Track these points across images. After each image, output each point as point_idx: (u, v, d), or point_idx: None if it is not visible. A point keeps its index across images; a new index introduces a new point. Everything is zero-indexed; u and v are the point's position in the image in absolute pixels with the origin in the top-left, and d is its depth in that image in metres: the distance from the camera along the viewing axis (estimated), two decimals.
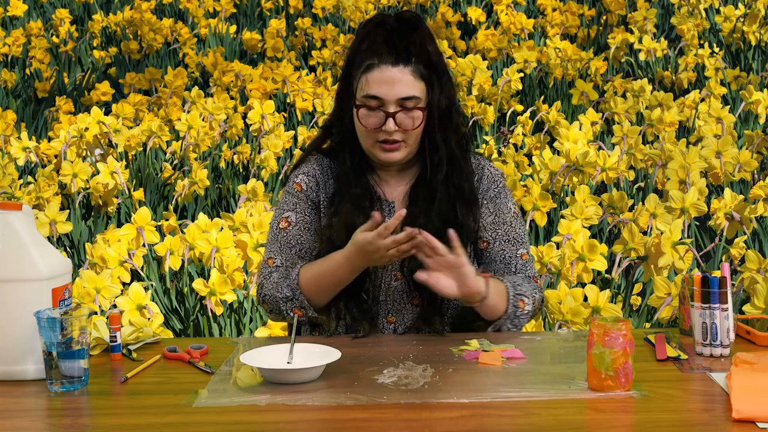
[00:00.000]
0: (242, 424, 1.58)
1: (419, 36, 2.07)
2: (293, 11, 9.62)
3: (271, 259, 2.15)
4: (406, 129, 2.06)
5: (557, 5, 9.14)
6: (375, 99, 2.06)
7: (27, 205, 1.98)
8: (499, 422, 1.57)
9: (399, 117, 2.05)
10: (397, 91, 2.04)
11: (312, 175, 2.18)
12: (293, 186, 2.18)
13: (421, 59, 2.06)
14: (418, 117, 2.06)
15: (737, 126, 6.36)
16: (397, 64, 2.05)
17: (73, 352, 1.78)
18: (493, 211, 2.18)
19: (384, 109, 2.05)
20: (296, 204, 2.16)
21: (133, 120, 6.74)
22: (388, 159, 2.10)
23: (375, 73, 2.06)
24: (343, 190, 2.13)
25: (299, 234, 2.15)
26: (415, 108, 2.06)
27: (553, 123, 5.98)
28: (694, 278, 1.87)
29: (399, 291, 2.13)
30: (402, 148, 2.09)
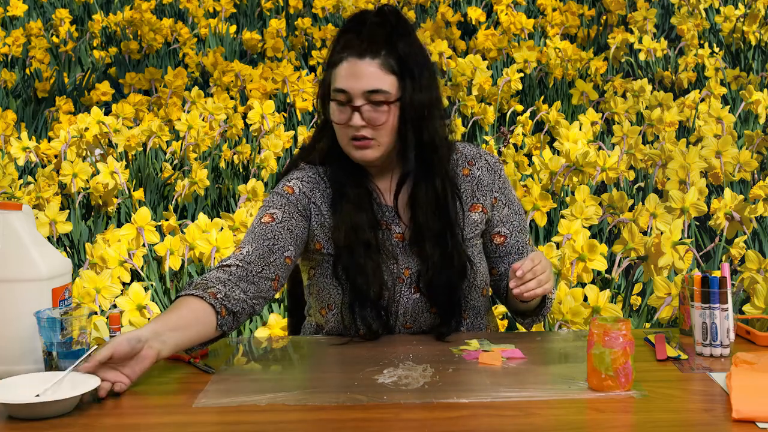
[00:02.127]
0: (242, 424, 1.58)
1: (391, 29, 1.99)
2: (293, 11, 9.62)
3: (241, 247, 2.01)
4: (374, 125, 1.98)
5: (557, 5, 9.14)
6: (342, 93, 1.98)
7: (27, 205, 1.98)
8: (499, 422, 1.56)
9: (365, 111, 1.97)
10: (363, 84, 1.96)
11: (306, 181, 2.09)
12: (283, 188, 2.08)
13: (392, 52, 1.98)
14: (385, 111, 1.98)
15: (737, 126, 6.36)
16: (364, 56, 1.97)
17: (73, 352, 1.78)
18: (506, 203, 2.15)
19: (351, 104, 1.98)
20: (284, 205, 2.06)
21: (133, 120, 6.74)
22: (361, 157, 2.02)
23: (343, 66, 1.98)
24: (342, 193, 2.05)
25: (279, 231, 2.02)
26: (383, 102, 1.97)
27: (553, 123, 5.99)
28: (694, 278, 1.87)
29: (417, 302, 2.08)
30: (374, 146, 2.00)
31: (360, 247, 2.02)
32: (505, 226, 2.15)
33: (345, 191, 2.05)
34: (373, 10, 2.05)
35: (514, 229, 2.16)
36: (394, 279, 2.06)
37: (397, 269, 2.06)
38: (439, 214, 2.05)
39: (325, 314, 2.10)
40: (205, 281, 1.92)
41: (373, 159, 2.03)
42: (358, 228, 2.02)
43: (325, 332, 2.12)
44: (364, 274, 2.02)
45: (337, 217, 2.05)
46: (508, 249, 2.16)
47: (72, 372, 1.71)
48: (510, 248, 2.16)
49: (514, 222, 2.16)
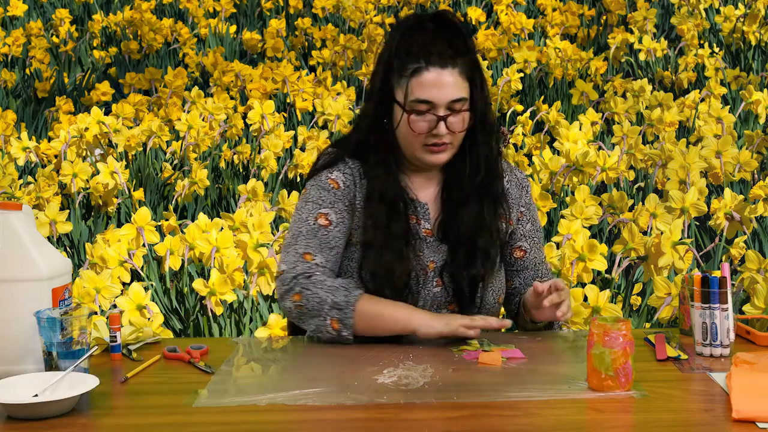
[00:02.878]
0: (242, 424, 1.58)
1: (461, 36, 2.04)
2: (293, 11, 9.62)
3: (310, 254, 2.05)
4: (455, 131, 2.04)
5: (557, 5, 9.14)
6: (425, 103, 2.02)
7: (27, 205, 1.98)
8: (499, 422, 1.56)
9: (449, 120, 2.02)
10: (448, 94, 2.01)
11: (349, 174, 2.11)
12: (328, 182, 2.10)
13: (465, 59, 2.03)
14: (466, 118, 2.04)
15: (737, 126, 6.36)
16: (446, 66, 2.01)
17: (73, 352, 1.78)
18: (530, 219, 2.21)
19: (434, 113, 2.02)
20: (334, 203, 2.08)
21: (133, 120, 6.74)
22: (435, 161, 2.07)
23: (424, 77, 2.01)
24: (378, 193, 2.08)
25: (339, 237, 2.07)
26: (462, 110, 2.03)
27: (553, 123, 5.99)
28: (694, 278, 1.87)
29: (438, 296, 2.11)
30: (448, 149, 2.06)
31: (388, 242, 2.06)
32: (526, 242, 2.20)
33: (380, 186, 2.08)
34: (430, 15, 2.07)
35: (534, 245, 2.21)
36: (418, 271, 2.09)
37: (422, 262, 2.09)
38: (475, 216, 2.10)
39: None
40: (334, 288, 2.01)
41: (444, 162, 2.09)
42: (389, 223, 2.05)
43: None
44: (390, 268, 2.05)
45: (369, 211, 2.08)
46: (525, 264, 2.21)
47: (71, 372, 1.72)
48: (528, 263, 2.21)
49: (534, 238, 2.22)
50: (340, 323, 1.98)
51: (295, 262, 2.05)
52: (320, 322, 1.99)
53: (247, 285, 3.62)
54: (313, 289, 2.00)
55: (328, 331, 1.99)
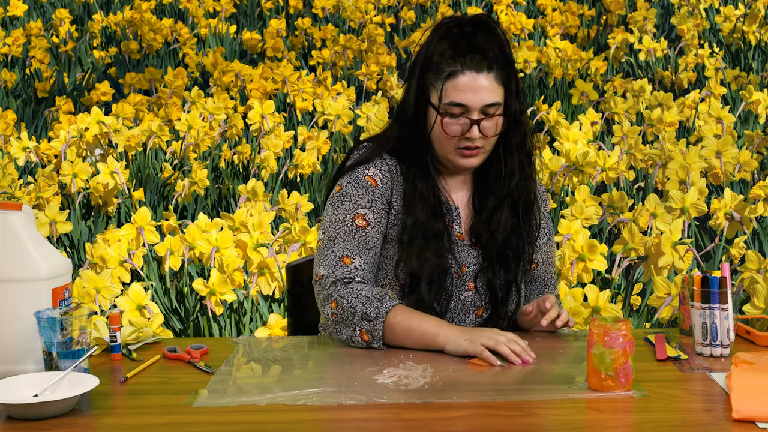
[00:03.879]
0: (242, 424, 1.58)
1: (498, 40, 2.04)
2: (293, 11, 9.62)
3: (348, 258, 2.03)
4: (487, 135, 2.04)
5: (557, 5, 9.14)
6: (459, 106, 2.02)
7: (27, 205, 1.98)
8: (499, 422, 1.56)
9: (482, 124, 2.02)
10: (483, 98, 2.01)
11: (386, 171, 2.09)
12: (366, 180, 2.07)
13: (501, 64, 2.03)
14: (500, 123, 2.04)
15: (737, 126, 6.36)
16: (482, 70, 2.01)
17: (73, 352, 1.78)
18: (546, 233, 2.21)
19: (468, 116, 2.02)
20: (372, 201, 2.06)
21: (133, 120, 6.74)
22: (467, 165, 2.07)
23: (460, 81, 2.01)
24: (417, 194, 2.08)
25: (377, 237, 2.06)
26: (496, 114, 2.03)
27: (553, 123, 5.99)
28: (694, 278, 1.87)
29: (468, 301, 2.11)
30: (481, 153, 2.06)
31: (428, 241, 2.06)
32: (540, 255, 2.20)
33: (420, 186, 2.08)
34: (469, 19, 2.06)
35: (546, 259, 2.22)
36: (452, 274, 2.09)
37: (455, 265, 2.09)
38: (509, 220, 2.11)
39: None
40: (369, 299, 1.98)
41: (476, 165, 2.09)
42: (428, 227, 2.06)
43: None
44: (429, 268, 2.05)
45: (409, 210, 2.08)
46: (535, 276, 2.22)
47: (71, 372, 1.72)
48: (538, 276, 2.22)
49: (548, 252, 2.22)
50: (370, 335, 1.96)
51: (334, 266, 2.02)
52: (351, 332, 1.97)
53: (247, 285, 3.62)
54: (348, 298, 1.98)
55: (358, 341, 1.97)
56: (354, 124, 6.56)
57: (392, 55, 8.08)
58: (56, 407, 1.62)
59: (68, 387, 1.68)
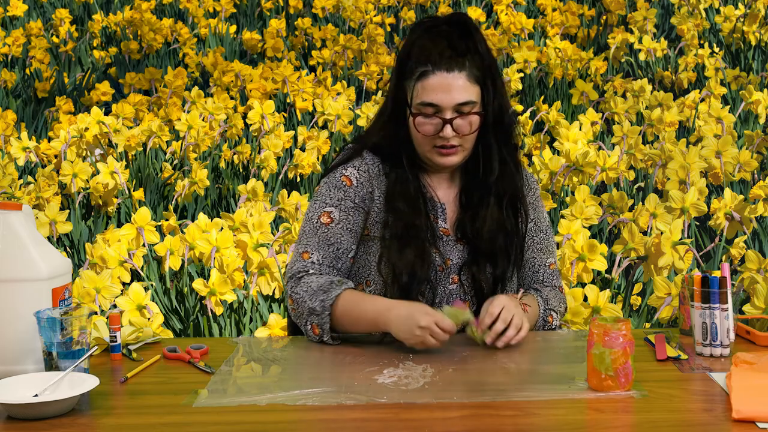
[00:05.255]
0: (242, 424, 1.58)
1: (472, 40, 2.05)
2: (293, 11, 9.62)
3: (307, 253, 2.09)
4: (463, 134, 2.05)
5: (557, 5, 9.14)
6: (431, 106, 2.03)
7: (27, 205, 1.98)
8: (499, 422, 1.56)
9: (456, 123, 2.03)
10: (454, 97, 2.02)
11: (365, 171, 2.13)
12: (341, 179, 2.12)
13: (475, 63, 2.04)
14: (474, 121, 2.04)
15: (737, 126, 6.36)
16: (452, 70, 2.01)
17: (73, 352, 1.78)
18: (533, 219, 2.20)
19: (441, 116, 2.03)
20: (341, 200, 2.11)
21: (133, 120, 6.74)
22: (445, 163, 2.09)
23: (430, 80, 2.02)
24: (398, 191, 2.10)
25: (340, 233, 2.09)
26: (471, 113, 2.04)
27: (553, 123, 5.99)
28: (694, 278, 1.87)
29: (453, 294, 2.12)
30: (459, 152, 2.07)
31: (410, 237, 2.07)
32: (525, 240, 2.20)
33: (401, 184, 2.11)
34: (446, 18, 2.08)
35: (533, 244, 2.20)
36: (435, 267, 2.10)
37: (439, 259, 2.10)
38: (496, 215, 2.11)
39: (362, 289, 2.15)
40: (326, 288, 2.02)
41: (455, 164, 2.10)
42: (409, 222, 2.07)
43: None
44: (411, 262, 2.06)
45: (389, 209, 2.10)
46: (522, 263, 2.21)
47: (71, 372, 1.72)
48: (525, 263, 2.21)
49: (534, 238, 2.21)
50: (320, 328, 2.01)
51: (293, 263, 2.10)
52: (305, 327, 2.04)
53: (247, 285, 3.62)
54: (300, 293, 2.04)
55: (311, 336, 2.03)
56: (354, 124, 6.56)
57: (392, 55, 8.08)
58: (56, 407, 1.62)
59: (68, 387, 1.68)
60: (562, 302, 2.21)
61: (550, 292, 2.19)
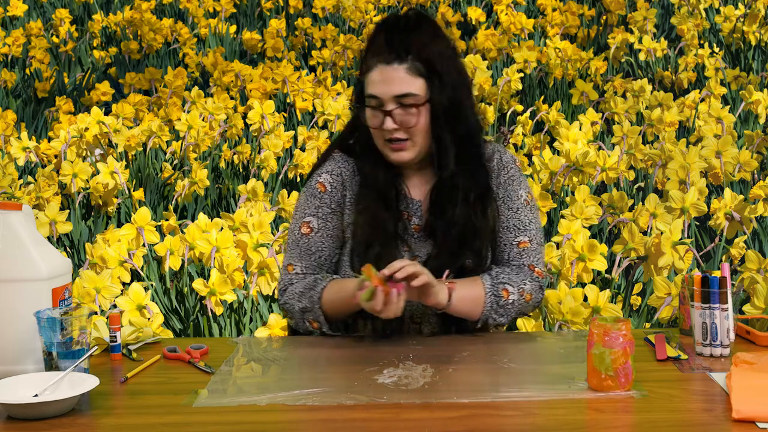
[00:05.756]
0: (242, 424, 1.58)
1: (417, 33, 2.06)
2: (293, 11, 9.62)
3: (291, 265, 2.16)
4: (406, 126, 2.05)
5: (557, 5, 9.14)
6: (374, 98, 2.06)
7: (27, 205, 1.98)
8: (499, 422, 1.57)
9: (397, 115, 2.04)
10: (392, 89, 2.04)
11: (337, 174, 2.16)
12: (316, 186, 2.17)
13: (420, 56, 2.04)
14: (419, 114, 2.05)
15: (737, 126, 6.36)
16: (392, 62, 2.04)
17: (73, 352, 1.78)
18: (502, 198, 2.16)
19: (383, 108, 2.05)
20: (318, 208, 2.15)
21: (133, 120, 6.74)
22: (397, 159, 2.10)
23: (373, 73, 2.07)
24: (368, 189, 2.12)
25: (321, 241, 2.14)
26: (413, 105, 2.04)
27: (553, 123, 5.99)
28: (694, 278, 1.87)
29: None
30: (409, 147, 2.08)
31: (376, 235, 2.09)
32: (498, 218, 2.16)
33: (372, 185, 2.13)
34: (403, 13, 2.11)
35: (500, 223, 2.15)
36: None
37: (408, 255, 2.11)
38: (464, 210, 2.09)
39: None
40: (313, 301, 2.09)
41: (408, 160, 2.10)
42: (378, 223, 2.09)
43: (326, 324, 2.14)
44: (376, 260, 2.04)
45: (359, 210, 2.12)
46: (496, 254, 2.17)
47: (71, 372, 1.72)
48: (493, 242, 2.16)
49: (501, 216, 2.15)
50: (318, 322, 2.09)
51: (281, 277, 2.19)
52: (305, 327, 2.11)
53: (247, 285, 3.62)
54: (290, 302, 2.12)
55: (314, 330, 2.11)
56: None
57: None
58: (56, 407, 1.62)
59: (68, 387, 1.68)
60: (528, 279, 2.11)
61: (509, 268, 2.12)
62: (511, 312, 2.08)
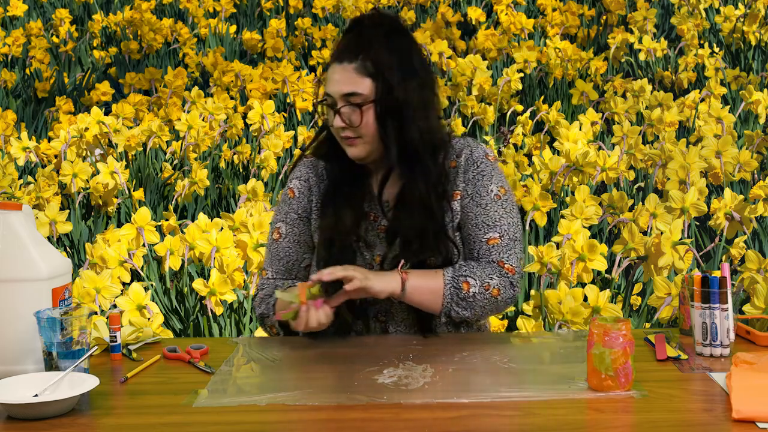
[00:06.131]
0: (242, 424, 1.58)
1: (372, 33, 2.07)
2: (293, 11, 9.62)
3: (265, 270, 2.23)
4: (352, 125, 2.06)
5: (557, 5, 9.14)
6: (328, 96, 2.10)
7: (27, 205, 1.98)
8: (499, 422, 1.57)
9: (344, 113, 2.06)
10: (340, 87, 2.06)
11: (305, 179, 2.21)
12: (287, 193, 2.23)
13: (369, 56, 2.05)
14: (366, 114, 2.05)
15: (737, 126, 6.36)
16: (342, 61, 2.07)
17: (73, 352, 1.78)
18: (471, 194, 2.13)
19: (334, 107, 2.08)
20: (287, 214, 2.21)
21: (133, 120, 6.74)
22: (351, 155, 2.11)
23: (328, 72, 2.10)
24: (335, 187, 2.15)
25: (288, 246, 2.20)
26: (359, 104, 2.05)
27: (553, 123, 5.99)
28: (694, 278, 1.87)
29: None
30: (359, 144, 2.08)
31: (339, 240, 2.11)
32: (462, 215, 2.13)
33: (337, 186, 2.15)
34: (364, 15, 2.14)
35: (469, 220, 2.12)
36: (364, 265, 2.11)
37: (369, 257, 2.12)
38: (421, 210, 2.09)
39: None
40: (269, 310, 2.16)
41: (361, 155, 2.11)
42: (341, 223, 2.10)
43: None
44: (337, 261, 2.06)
45: (323, 212, 2.15)
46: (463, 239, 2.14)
47: (71, 372, 1.72)
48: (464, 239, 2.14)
49: (470, 213, 2.12)
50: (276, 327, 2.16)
51: (259, 282, 2.25)
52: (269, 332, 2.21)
53: (247, 285, 3.62)
54: (255, 307, 2.21)
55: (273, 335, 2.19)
56: None
57: None
58: (56, 407, 1.62)
59: (68, 387, 1.68)
60: (495, 274, 2.06)
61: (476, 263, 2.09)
62: (475, 306, 2.05)
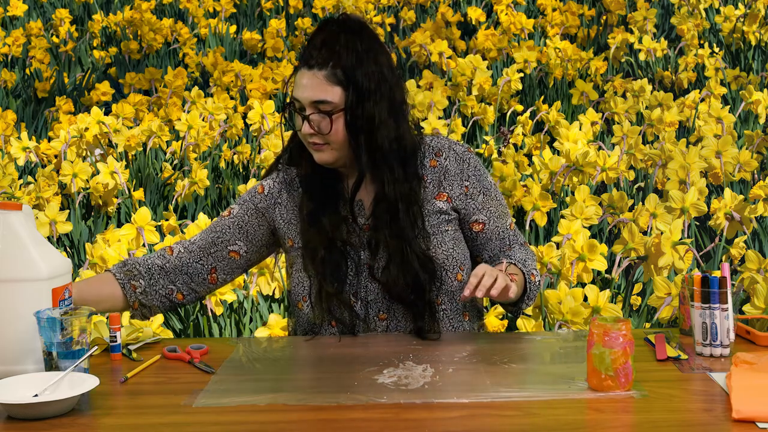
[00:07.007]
0: (242, 424, 1.58)
1: (344, 40, 2.04)
2: (293, 11, 9.62)
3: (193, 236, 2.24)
4: (321, 132, 2.05)
5: (557, 5, 9.14)
6: (296, 101, 2.08)
7: (27, 205, 1.98)
8: (499, 422, 1.57)
9: (313, 120, 2.04)
10: (309, 94, 2.04)
11: (278, 182, 2.20)
12: (257, 187, 2.22)
13: (339, 64, 2.03)
14: (335, 122, 2.04)
15: (737, 126, 6.36)
16: (312, 68, 2.04)
17: (73, 352, 1.78)
18: (480, 190, 2.15)
19: (303, 112, 2.06)
20: (245, 201, 2.21)
21: (133, 120, 6.74)
22: (318, 160, 2.10)
23: (297, 77, 2.08)
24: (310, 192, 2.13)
25: (228, 225, 2.19)
26: (328, 112, 2.04)
27: (553, 123, 5.98)
28: (694, 278, 1.87)
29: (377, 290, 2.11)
30: (327, 150, 2.07)
31: (323, 242, 2.09)
32: (482, 213, 2.16)
33: (313, 190, 2.14)
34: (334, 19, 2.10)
35: (491, 215, 2.17)
36: (358, 268, 2.10)
37: (361, 259, 2.11)
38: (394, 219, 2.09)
39: (301, 307, 2.14)
40: (136, 267, 2.16)
41: (328, 161, 2.10)
42: (322, 225, 2.09)
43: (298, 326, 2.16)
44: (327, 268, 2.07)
45: (303, 216, 2.13)
46: (488, 236, 2.17)
47: (71, 372, 1.72)
48: (490, 235, 2.17)
49: (490, 208, 2.17)
50: None
51: None
52: None
53: (247, 285, 3.62)
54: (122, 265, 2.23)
55: None
56: None
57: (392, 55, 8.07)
58: (56, 407, 1.62)
59: (68, 387, 1.68)
60: (531, 256, 2.18)
61: (520, 253, 2.16)
62: (535, 295, 2.15)
